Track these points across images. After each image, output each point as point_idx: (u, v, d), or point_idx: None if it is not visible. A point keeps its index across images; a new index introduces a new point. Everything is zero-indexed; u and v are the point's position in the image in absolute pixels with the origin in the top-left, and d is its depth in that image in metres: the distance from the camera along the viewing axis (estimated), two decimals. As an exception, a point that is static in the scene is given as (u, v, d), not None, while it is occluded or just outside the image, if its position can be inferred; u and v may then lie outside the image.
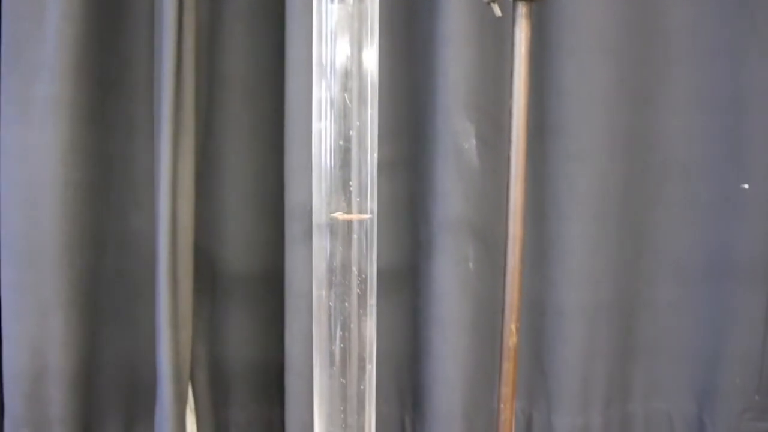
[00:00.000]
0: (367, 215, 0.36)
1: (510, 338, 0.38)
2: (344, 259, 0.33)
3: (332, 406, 0.35)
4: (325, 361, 0.34)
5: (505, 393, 0.39)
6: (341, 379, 0.34)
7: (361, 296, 0.34)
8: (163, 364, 0.58)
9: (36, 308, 0.59)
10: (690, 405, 0.73)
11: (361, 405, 0.35)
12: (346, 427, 0.36)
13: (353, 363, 0.34)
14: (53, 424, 0.61)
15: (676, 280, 0.71)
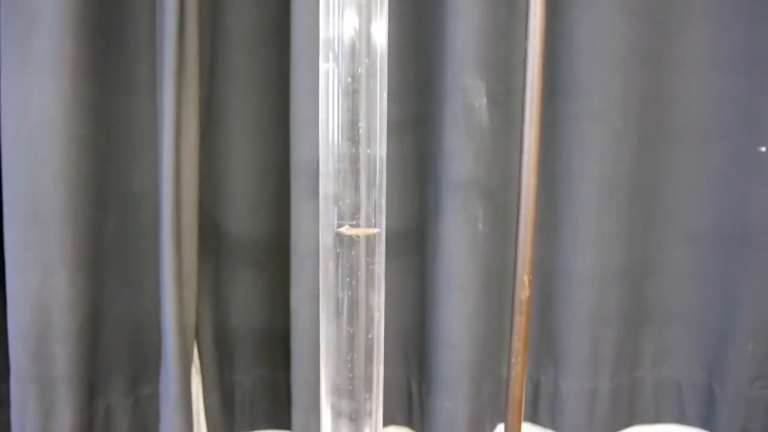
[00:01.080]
0: (375, 230, 0.35)
1: (522, 291, 0.37)
2: (352, 206, 0.32)
3: (339, 357, 0.34)
4: (332, 309, 0.33)
5: (517, 347, 0.38)
6: (349, 328, 0.33)
7: (369, 243, 0.32)
8: (168, 322, 0.58)
9: (40, 266, 0.59)
10: (699, 372, 0.72)
11: (369, 355, 0.34)
12: (354, 379, 0.35)
13: (361, 311, 0.33)
14: (59, 382, 0.61)
15: (689, 245, 0.70)
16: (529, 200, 0.36)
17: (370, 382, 0.35)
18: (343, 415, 0.35)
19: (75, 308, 0.60)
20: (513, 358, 0.37)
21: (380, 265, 0.34)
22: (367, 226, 0.33)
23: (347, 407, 0.35)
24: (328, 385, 0.35)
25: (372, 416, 0.36)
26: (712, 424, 0.72)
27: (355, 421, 0.35)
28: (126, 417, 0.67)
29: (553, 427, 0.71)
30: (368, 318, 0.33)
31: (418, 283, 0.67)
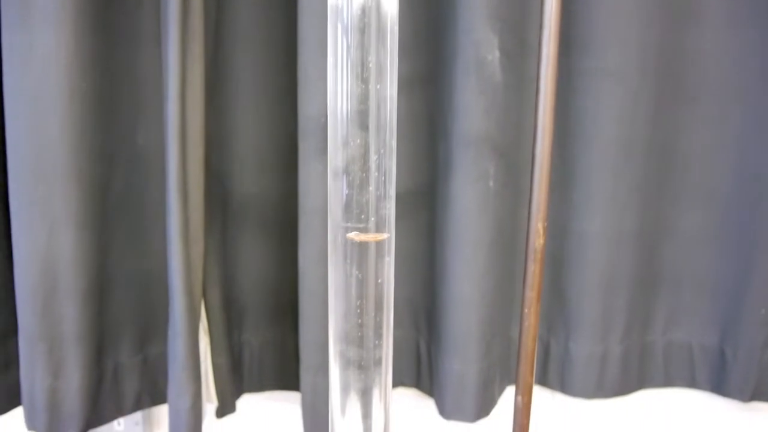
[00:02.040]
0: (385, 235, 0.34)
1: (537, 239, 0.36)
2: (362, 146, 0.31)
3: (348, 303, 0.33)
4: (339, 252, 0.32)
5: (530, 297, 0.37)
6: (357, 272, 0.32)
7: (380, 184, 0.31)
8: (175, 279, 0.57)
9: (46, 223, 0.58)
10: (711, 336, 0.71)
11: (379, 300, 0.33)
12: (362, 326, 0.34)
13: (370, 255, 0.32)
14: (67, 340, 0.61)
15: (704, 207, 0.68)
16: (545, 141, 0.34)
17: (379, 329, 0.34)
18: (352, 364, 0.35)
19: (82, 265, 0.60)
20: (525, 309, 0.37)
21: (391, 207, 0.33)
22: (377, 169, 0.32)
23: (356, 355, 0.34)
24: (336, 333, 0.35)
25: (382, 364, 0.35)
26: (722, 389, 0.71)
27: (364, 369, 0.35)
28: (135, 376, 0.67)
29: (562, 390, 0.71)
30: (378, 261, 0.32)
31: (428, 242, 0.66)
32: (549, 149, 0.36)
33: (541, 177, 0.35)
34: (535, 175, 0.35)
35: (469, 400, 0.64)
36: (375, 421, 0.36)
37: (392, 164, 0.33)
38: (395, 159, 0.33)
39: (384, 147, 0.32)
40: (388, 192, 0.32)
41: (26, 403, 0.63)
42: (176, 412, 0.60)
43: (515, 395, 0.38)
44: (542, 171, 0.36)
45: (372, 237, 0.34)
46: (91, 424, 0.64)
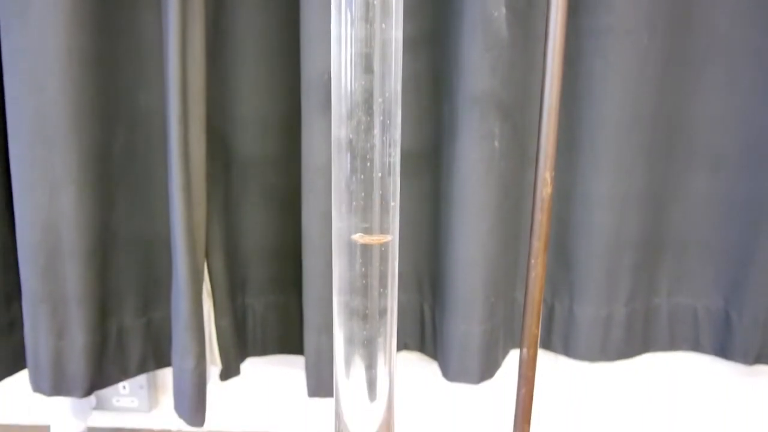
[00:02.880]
0: (388, 237, 0.33)
1: (544, 188, 0.35)
2: (366, 91, 0.30)
3: (351, 252, 0.33)
4: (343, 201, 0.32)
5: (537, 247, 0.36)
6: (362, 222, 0.32)
7: (385, 129, 0.31)
8: (178, 239, 0.57)
9: (47, 183, 0.58)
10: (716, 299, 0.71)
11: (384, 251, 0.33)
12: (367, 275, 0.34)
13: (375, 202, 0.32)
14: (70, 301, 0.61)
15: (712, 170, 0.68)
16: (553, 87, 0.34)
17: (384, 278, 0.33)
18: (356, 314, 0.34)
19: (84, 227, 0.59)
20: (532, 259, 0.36)
21: (395, 153, 0.32)
22: (382, 113, 0.31)
23: (360, 305, 0.34)
24: (339, 284, 0.34)
25: (387, 315, 0.35)
26: (727, 352, 0.71)
27: (369, 320, 0.34)
28: (139, 338, 0.67)
29: (567, 354, 0.71)
30: (382, 209, 0.32)
31: (432, 205, 0.65)
32: (557, 98, 0.35)
33: (549, 125, 0.35)
34: (543, 123, 0.35)
35: (473, 361, 0.64)
36: (380, 372, 0.36)
37: (397, 109, 0.32)
38: (400, 104, 0.32)
39: (389, 91, 0.31)
40: (393, 138, 0.31)
41: (31, 364, 0.63)
42: (180, 373, 0.60)
43: (520, 347, 0.38)
44: (550, 119, 0.35)
45: (376, 239, 0.33)
46: (96, 385, 0.65)
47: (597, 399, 0.81)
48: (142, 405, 0.80)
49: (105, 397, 0.80)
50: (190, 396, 0.60)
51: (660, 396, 0.81)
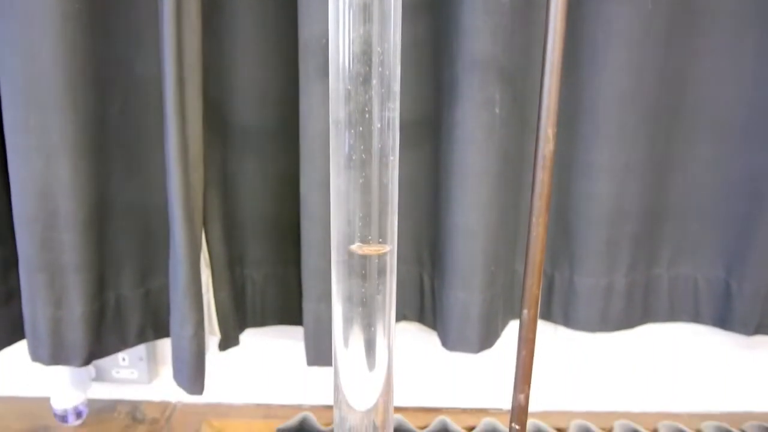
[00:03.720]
0: (387, 248, 0.33)
1: (546, 145, 0.34)
2: (365, 42, 0.29)
3: (351, 207, 0.32)
4: (342, 155, 0.31)
5: (539, 206, 0.36)
6: (360, 177, 0.31)
7: (383, 80, 0.30)
8: (175, 205, 0.56)
9: (42, 151, 0.57)
10: (717, 270, 0.71)
11: (383, 206, 0.32)
12: (369, 234, 0.33)
13: (374, 157, 0.31)
14: (67, 271, 0.60)
15: (715, 138, 0.67)
16: (556, 44, 0.33)
17: (384, 234, 0.33)
18: (355, 273, 0.34)
19: (80, 195, 0.59)
20: (534, 218, 0.36)
21: (394, 107, 0.31)
22: (380, 65, 0.30)
23: (359, 265, 0.34)
24: (338, 239, 0.34)
25: (386, 273, 0.34)
26: (727, 322, 0.71)
27: (368, 278, 0.34)
28: (137, 309, 0.67)
29: (566, 324, 0.71)
30: (381, 164, 0.31)
31: (431, 173, 0.65)
32: (560, 54, 0.34)
33: (552, 81, 0.34)
34: (545, 77, 0.34)
35: (472, 330, 0.64)
36: (378, 333, 0.35)
37: (396, 61, 0.31)
38: (399, 56, 0.31)
39: (388, 42, 0.30)
40: (391, 90, 0.31)
41: (29, 333, 0.63)
42: (179, 341, 0.60)
43: (521, 309, 0.38)
44: (552, 75, 0.34)
45: (374, 250, 0.33)
46: (95, 355, 0.64)
47: (595, 370, 0.81)
48: (142, 376, 0.80)
49: (104, 368, 0.80)
50: (188, 364, 0.60)
51: (658, 367, 0.81)
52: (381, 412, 0.39)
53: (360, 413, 0.38)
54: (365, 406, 0.38)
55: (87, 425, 0.77)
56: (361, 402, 0.38)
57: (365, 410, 0.38)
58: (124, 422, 0.78)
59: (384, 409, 0.38)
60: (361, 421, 0.39)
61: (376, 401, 0.38)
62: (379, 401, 0.38)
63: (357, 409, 0.38)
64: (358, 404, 0.38)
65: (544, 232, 0.36)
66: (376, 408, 0.38)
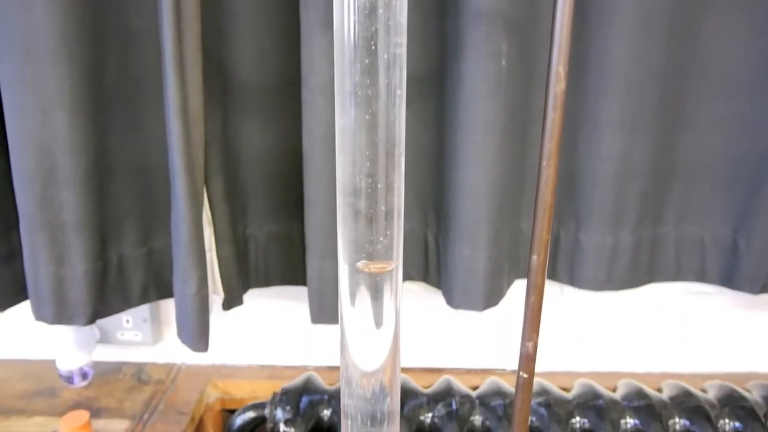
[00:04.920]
0: (392, 265, 0.33)
1: (558, 84, 0.33)
2: None
3: (356, 147, 0.31)
4: (347, 92, 0.30)
5: (549, 147, 0.35)
6: (366, 114, 0.30)
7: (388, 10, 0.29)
8: (176, 159, 0.55)
9: (38, 106, 0.56)
10: (725, 227, 0.70)
11: (390, 145, 0.31)
12: (372, 175, 0.32)
13: (380, 93, 0.30)
14: (68, 228, 0.60)
15: (724, 94, 0.66)
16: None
17: (391, 174, 0.32)
18: (362, 216, 0.33)
19: (79, 151, 0.58)
20: (544, 161, 0.35)
21: (401, 41, 0.30)
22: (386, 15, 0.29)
23: (365, 207, 0.33)
24: (343, 184, 0.33)
25: (394, 217, 0.34)
26: (733, 281, 0.70)
27: (373, 223, 0.33)
28: (140, 268, 0.67)
29: (572, 283, 0.70)
30: (389, 99, 0.30)
31: (436, 130, 0.64)
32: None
33: (564, 15, 0.33)
34: (557, 14, 0.33)
35: (477, 287, 0.63)
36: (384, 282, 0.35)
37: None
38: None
39: None
40: (398, 22, 0.30)
41: (32, 293, 0.63)
42: (182, 298, 0.60)
43: (530, 255, 0.37)
44: (564, 11, 0.33)
45: (379, 267, 0.33)
46: (99, 314, 0.64)
47: (600, 330, 0.81)
48: (146, 338, 0.80)
49: (109, 330, 0.80)
50: (192, 321, 0.59)
51: (662, 328, 0.81)
52: (388, 372, 0.38)
53: (367, 373, 0.38)
54: (372, 366, 0.37)
55: (92, 386, 0.78)
56: (367, 361, 0.37)
57: (372, 370, 0.38)
58: (130, 383, 0.78)
59: (391, 369, 0.38)
60: (369, 381, 0.38)
61: (384, 361, 0.38)
62: (386, 360, 0.38)
63: (363, 369, 0.37)
64: (364, 363, 0.37)
65: (554, 174, 0.36)
66: (383, 367, 0.38)
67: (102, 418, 0.71)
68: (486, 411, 0.68)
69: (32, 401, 0.74)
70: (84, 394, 0.76)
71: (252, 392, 0.79)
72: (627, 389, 0.72)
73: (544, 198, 0.36)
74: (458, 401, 0.68)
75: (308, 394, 0.69)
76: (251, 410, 0.70)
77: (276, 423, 0.67)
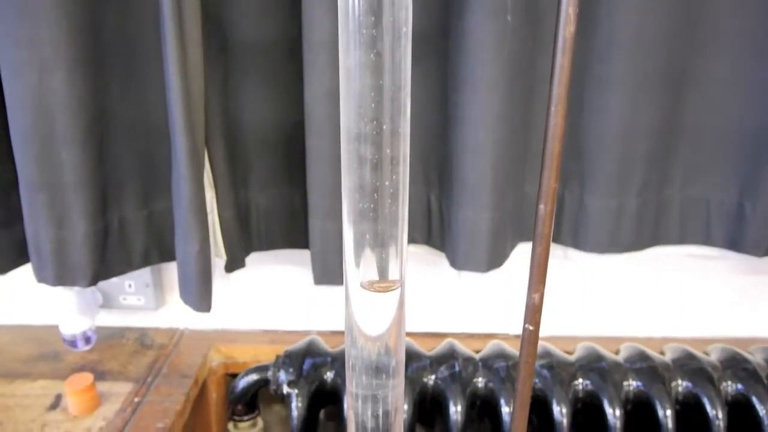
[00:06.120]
0: (397, 284, 0.33)
1: (567, 27, 0.32)
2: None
3: (361, 89, 0.30)
4: (351, 29, 0.29)
5: (558, 93, 0.34)
6: (371, 54, 0.29)
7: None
8: (176, 116, 0.54)
9: (35, 64, 0.55)
10: (731, 190, 0.69)
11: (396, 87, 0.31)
12: (377, 122, 0.31)
13: (385, 31, 0.29)
14: (68, 189, 0.59)
15: (733, 53, 0.64)
16: None
17: (396, 117, 0.31)
18: (367, 162, 0.32)
19: (77, 110, 0.57)
20: (552, 107, 0.34)
21: None
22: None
23: (370, 152, 0.32)
24: (347, 129, 0.32)
25: (400, 163, 0.33)
26: (738, 244, 0.70)
27: (378, 169, 0.33)
28: (141, 230, 0.66)
29: (576, 246, 0.70)
30: (394, 37, 0.29)
31: (439, 90, 0.63)
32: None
33: (575, -46, 0.31)
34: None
35: (481, 248, 0.63)
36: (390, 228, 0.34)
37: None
38: None
39: None
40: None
41: (33, 254, 0.62)
42: (185, 258, 0.59)
43: (537, 204, 0.36)
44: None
45: (384, 286, 0.33)
46: (100, 276, 0.64)
47: (602, 295, 0.81)
48: (149, 303, 0.80)
49: (111, 295, 0.80)
50: (195, 281, 0.59)
51: (665, 292, 0.81)
52: (393, 334, 0.38)
53: (371, 336, 0.37)
54: (377, 330, 0.37)
55: (96, 351, 0.78)
56: (373, 325, 0.37)
57: (377, 334, 0.37)
58: (133, 348, 0.78)
59: (396, 332, 0.37)
60: (373, 344, 0.38)
61: (390, 323, 0.37)
62: (392, 321, 0.37)
63: (368, 333, 0.37)
64: (369, 327, 0.37)
65: (562, 121, 0.35)
66: (389, 330, 0.37)
67: (106, 381, 0.71)
68: (489, 373, 0.68)
69: (36, 365, 0.75)
70: (87, 358, 0.76)
71: (255, 357, 0.79)
72: (630, 352, 0.72)
73: (552, 146, 0.35)
74: (461, 363, 0.68)
75: (311, 356, 0.69)
76: (254, 373, 0.71)
77: (279, 385, 0.67)
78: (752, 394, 0.66)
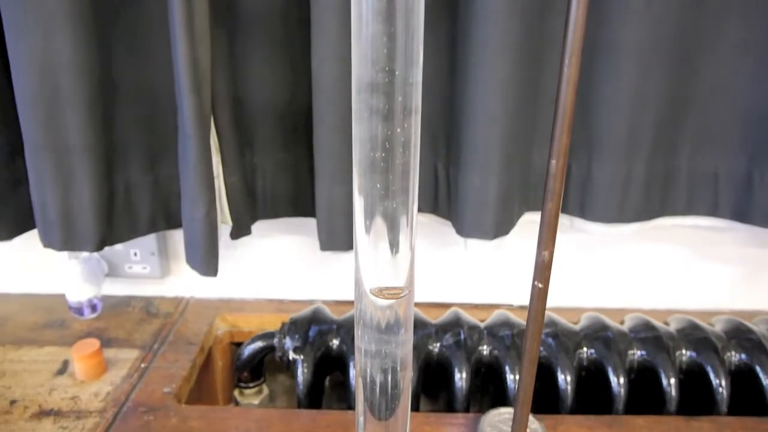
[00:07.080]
0: (406, 291, 0.33)
1: (582, -25, 0.32)
2: None
3: (373, 36, 0.30)
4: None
5: (573, 46, 0.33)
6: (382, 26, 0.29)
7: None
8: (182, 77, 0.54)
9: (39, 26, 0.54)
10: (740, 159, 0.68)
11: (409, 35, 0.30)
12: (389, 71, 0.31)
13: (399, 12, 0.29)
14: (74, 151, 0.59)
15: (746, 19, 0.63)
16: None
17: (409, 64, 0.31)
18: (378, 113, 0.32)
19: (82, 71, 0.56)
20: (566, 59, 0.33)
21: None
22: None
23: (381, 102, 0.32)
24: (358, 78, 0.32)
25: (412, 113, 0.33)
26: (746, 215, 0.69)
27: (389, 120, 0.32)
28: (147, 196, 0.66)
29: (582, 215, 0.70)
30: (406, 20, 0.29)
31: (447, 57, 0.62)
32: None
33: None
34: None
35: (488, 215, 0.63)
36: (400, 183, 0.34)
37: None
38: None
39: None
40: None
41: (39, 218, 0.62)
42: (191, 222, 0.59)
43: (549, 159, 0.36)
44: None
45: (393, 293, 0.33)
46: (107, 241, 0.64)
47: (607, 266, 0.81)
48: (154, 271, 0.80)
49: (117, 264, 0.80)
50: (201, 246, 0.59)
51: (670, 265, 0.80)
52: (403, 303, 0.37)
53: (382, 304, 0.37)
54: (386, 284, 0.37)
55: (102, 319, 0.78)
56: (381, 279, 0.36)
57: (387, 304, 0.37)
58: (139, 316, 0.79)
59: (406, 300, 0.37)
60: (384, 314, 0.37)
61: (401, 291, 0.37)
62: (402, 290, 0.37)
63: (378, 303, 0.37)
64: (377, 281, 0.37)
65: (576, 74, 0.34)
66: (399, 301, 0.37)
67: (112, 348, 0.71)
68: (494, 341, 0.68)
69: (43, 332, 0.75)
70: (94, 325, 0.76)
71: (260, 325, 0.79)
72: (634, 322, 0.72)
73: (564, 101, 0.35)
74: (466, 331, 0.69)
75: (317, 323, 0.69)
76: (260, 340, 0.71)
77: (285, 351, 0.68)
78: (756, 363, 0.66)
